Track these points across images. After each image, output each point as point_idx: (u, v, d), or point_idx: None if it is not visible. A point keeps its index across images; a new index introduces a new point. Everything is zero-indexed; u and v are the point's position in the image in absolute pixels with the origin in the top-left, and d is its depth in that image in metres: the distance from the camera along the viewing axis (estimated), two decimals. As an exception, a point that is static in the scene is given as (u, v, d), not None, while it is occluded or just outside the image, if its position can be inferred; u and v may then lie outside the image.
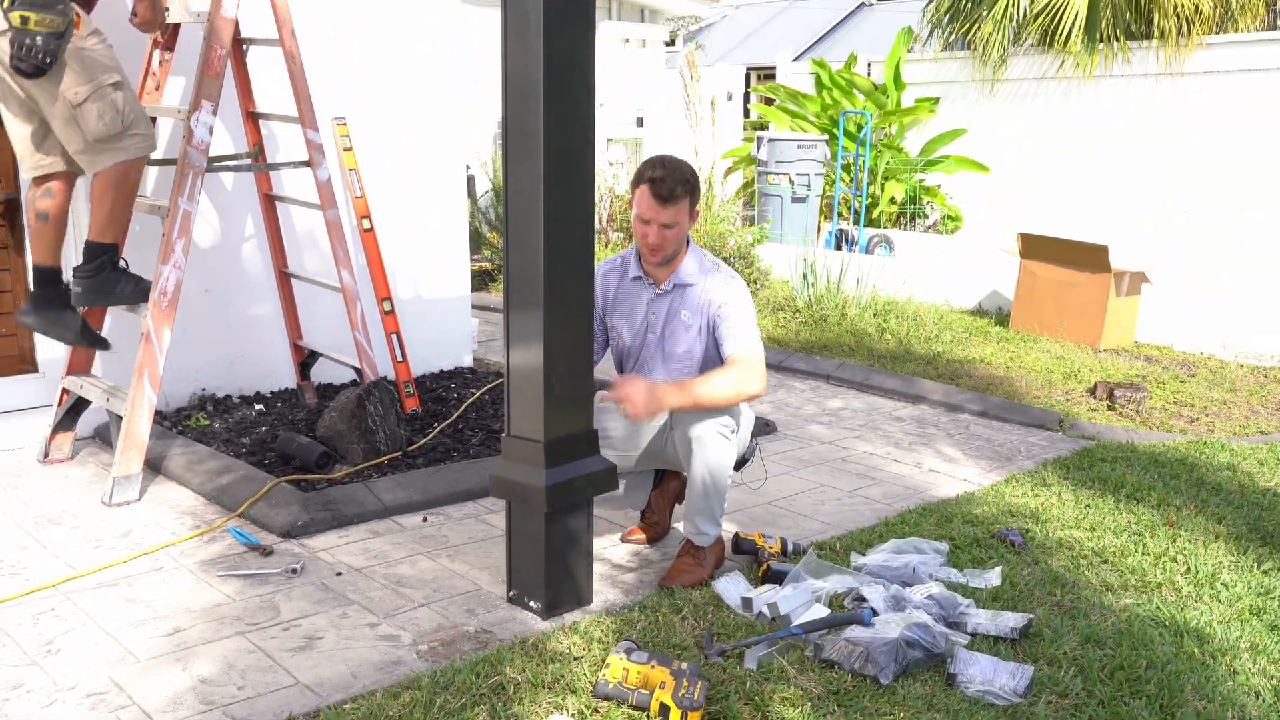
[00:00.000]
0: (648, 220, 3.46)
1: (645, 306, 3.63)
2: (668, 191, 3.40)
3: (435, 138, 5.83)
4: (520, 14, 2.99)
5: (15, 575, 3.47)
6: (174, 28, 4.55)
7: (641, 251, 3.57)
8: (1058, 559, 3.74)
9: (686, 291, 3.57)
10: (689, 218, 3.50)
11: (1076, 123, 10.47)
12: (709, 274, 3.57)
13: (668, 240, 3.48)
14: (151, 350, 4.11)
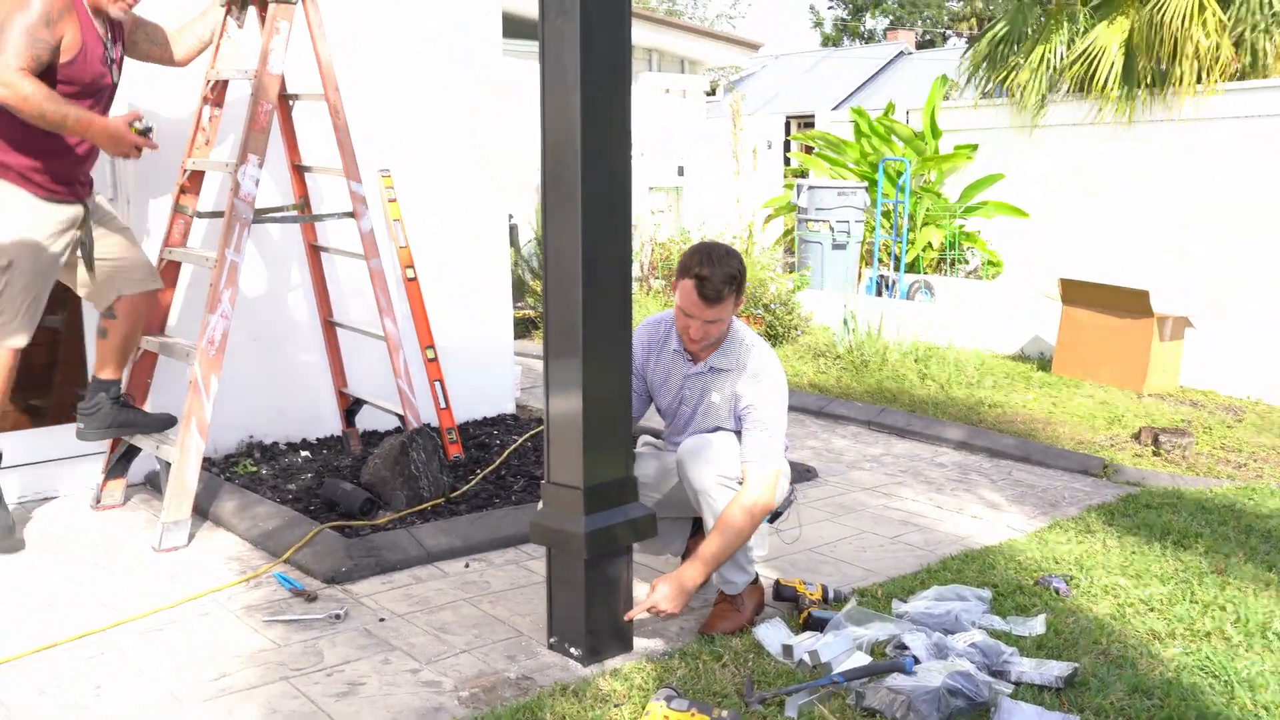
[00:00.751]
0: (691, 315, 3.43)
1: (681, 381, 3.64)
2: (713, 292, 3.36)
3: (478, 187, 5.92)
4: (558, 68, 3.06)
5: (67, 618, 3.53)
6: (223, 84, 4.67)
7: (685, 341, 3.55)
8: (1103, 606, 3.70)
9: (722, 376, 3.56)
10: (734, 309, 3.47)
11: (1111, 165, 10.48)
12: (747, 363, 3.53)
13: (710, 334, 3.48)
14: (200, 398, 4.19)
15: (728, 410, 3.56)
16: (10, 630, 3.44)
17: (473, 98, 5.86)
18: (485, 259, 6.01)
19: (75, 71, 3.94)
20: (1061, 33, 10.84)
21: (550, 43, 3.08)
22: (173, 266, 4.64)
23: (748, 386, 3.51)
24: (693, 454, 3.43)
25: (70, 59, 3.91)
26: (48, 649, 3.31)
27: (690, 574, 3.34)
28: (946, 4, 44.28)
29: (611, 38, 3.08)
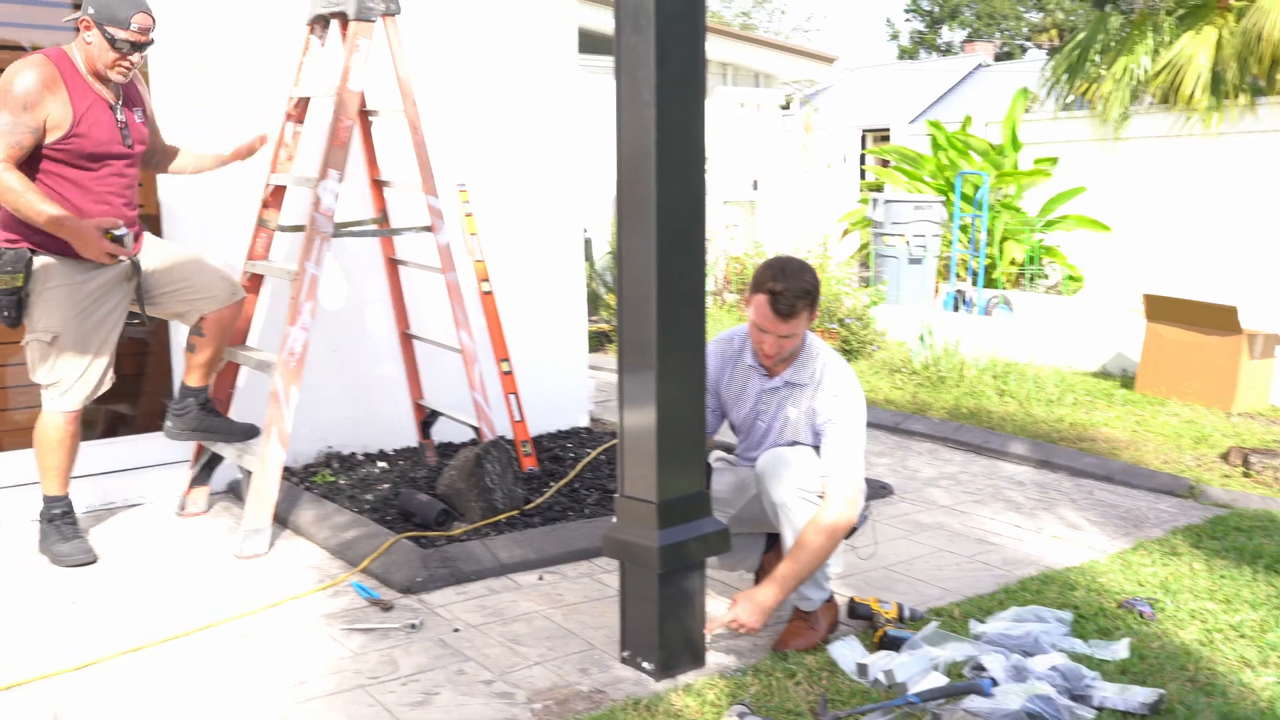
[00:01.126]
0: (765, 330, 3.42)
1: (756, 396, 3.62)
2: (787, 308, 3.36)
3: (554, 202, 5.96)
4: (633, 83, 3.07)
5: (153, 622, 3.61)
6: (305, 101, 4.76)
7: (760, 357, 3.54)
8: (1190, 632, 3.60)
9: (799, 391, 3.54)
10: (808, 323, 3.46)
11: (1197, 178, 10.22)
12: (823, 378, 3.50)
13: (784, 349, 3.46)
14: (280, 409, 4.26)
15: (805, 425, 3.53)
16: (100, 633, 3.53)
17: (548, 113, 5.91)
18: (560, 273, 6.05)
19: (73, 144, 3.91)
20: (1146, 43, 10.65)
21: (625, 58, 3.09)
22: (255, 279, 4.74)
23: (825, 402, 3.48)
24: (772, 467, 3.41)
25: (63, 134, 3.88)
26: (135, 651, 3.39)
27: (764, 595, 3.33)
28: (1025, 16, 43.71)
29: (686, 53, 3.08)
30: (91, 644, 3.46)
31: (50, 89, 3.85)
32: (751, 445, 3.69)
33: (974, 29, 44.76)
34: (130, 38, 3.89)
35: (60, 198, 3.93)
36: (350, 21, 4.46)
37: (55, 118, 3.87)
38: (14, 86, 3.81)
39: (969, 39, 41.41)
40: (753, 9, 31.26)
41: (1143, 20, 10.96)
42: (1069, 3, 37.98)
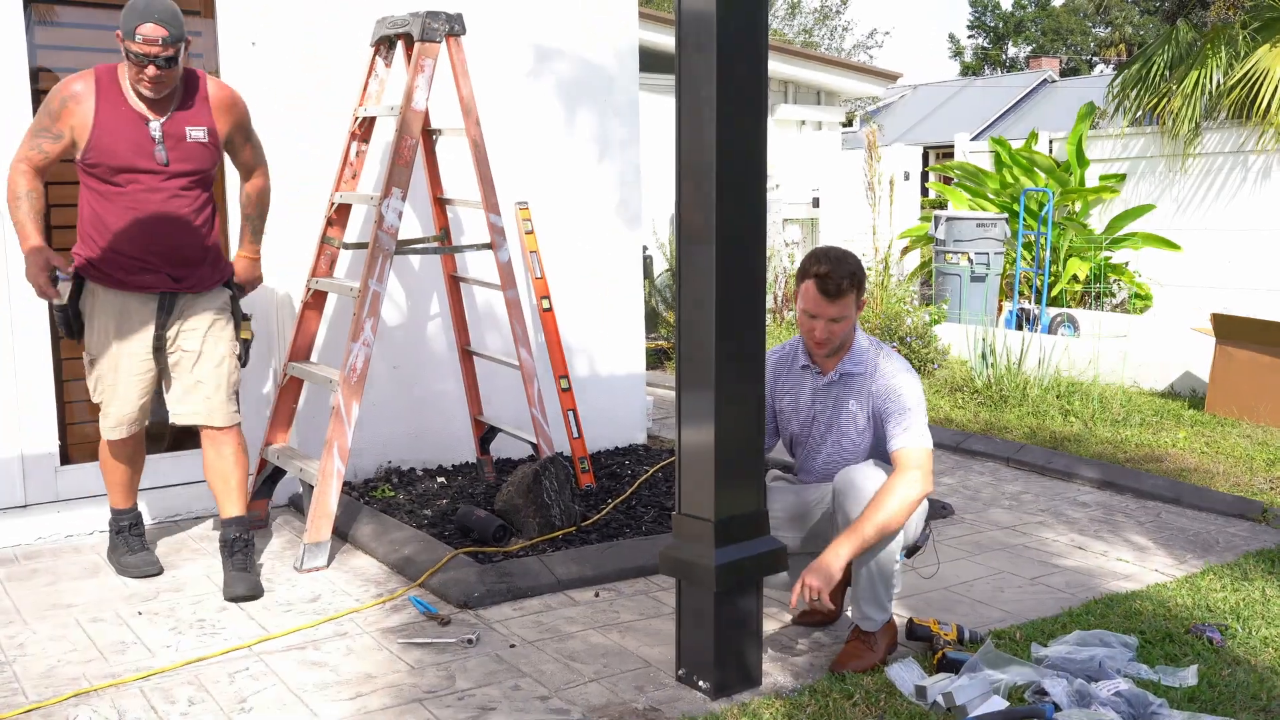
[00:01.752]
0: (815, 315, 3.45)
1: (812, 396, 3.62)
2: (834, 288, 3.39)
3: (614, 219, 5.99)
4: (694, 102, 3.08)
5: (215, 635, 3.67)
6: (370, 120, 4.84)
7: (809, 345, 3.56)
8: (1263, 659, 3.51)
9: (854, 381, 3.55)
10: (856, 309, 3.48)
11: (1271, 195, 9.99)
12: (877, 363, 3.53)
13: (835, 334, 3.47)
14: (341, 424, 4.32)
15: (865, 415, 3.53)
16: (163, 642, 3.60)
17: (609, 131, 5.94)
18: (620, 290, 6.07)
19: (94, 155, 3.85)
20: (1219, 57, 10.45)
21: (687, 76, 3.10)
22: (319, 296, 4.81)
23: (882, 382, 3.49)
24: (849, 486, 3.39)
25: (83, 146, 3.85)
26: (197, 662, 3.45)
27: (839, 551, 3.27)
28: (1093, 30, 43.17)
29: (748, 71, 3.09)
30: (154, 653, 3.52)
31: (79, 101, 3.83)
32: (812, 451, 3.66)
33: (1039, 44, 44.30)
34: (138, 49, 3.71)
35: (91, 211, 3.92)
36: (415, 43, 4.53)
37: (79, 129, 3.84)
38: (51, 95, 3.87)
39: (1034, 54, 40.98)
40: (814, 26, 31.21)
41: (1215, 34, 10.76)
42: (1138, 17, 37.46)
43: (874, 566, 3.37)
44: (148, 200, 3.91)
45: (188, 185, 3.98)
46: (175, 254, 3.98)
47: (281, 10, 4.97)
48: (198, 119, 4.00)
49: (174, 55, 3.77)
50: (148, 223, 3.92)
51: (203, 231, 4.06)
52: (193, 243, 4.02)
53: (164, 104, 3.92)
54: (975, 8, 48.42)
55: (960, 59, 47.46)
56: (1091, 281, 10.73)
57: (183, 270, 4.02)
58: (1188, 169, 10.68)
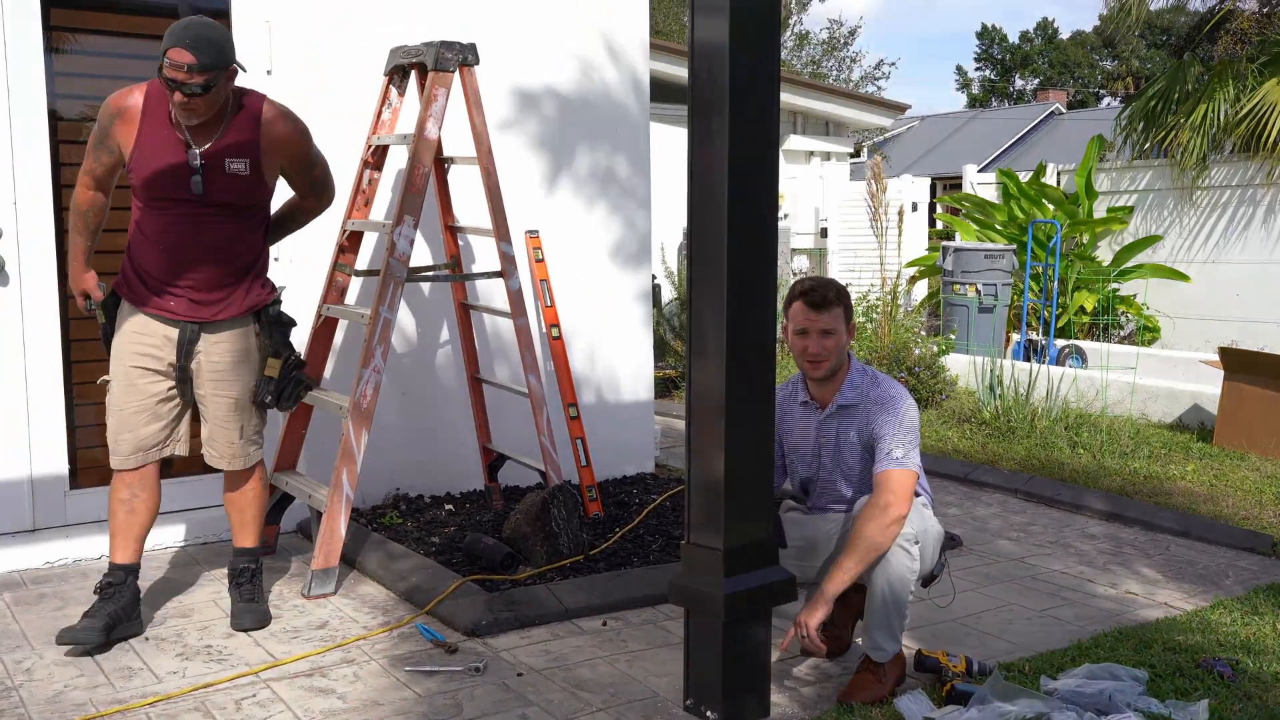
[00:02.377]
0: (806, 331, 3.51)
1: (815, 432, 3.65)
2: (820, 299, 3.49)
3: (623, 248, 6.01)
4: (706, 132, 3.10)
5: (222, 661, 3.66)
6: (383, 149, 4.87)
7: (804, 369, 3.59)
8: (1275, 695, 3.49)
9: (851, 411, 3.57)
10: (846, 329, 3.53)
11: None
12: (870, 393, 3.56)
13: (826, 349, 3.50)
14: (350, 451, 4.32)
15: (865, 443, 3.54)
16: (169, 669, 3.60)
17: (619, 161, 5.98)
18: (628, 319, 6.08)
19: (134, 176, 3.74)
20: (1226, 90, 10.49)
21: (699, 106, 3.12)
22: (329, 323, 4.83)
23: (876, 413, 3.52)
24: None
25: (129, 162, 3.74)
26: (204, 688, 3.44)
27: (829, 588, 3.35)
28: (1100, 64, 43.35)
29: (760, 103, 3.11)
30: (161, 679, 3.52)
31: (125, 119, 3.70)
32: (824, 489, 3.67)
33: (1046, 77, 44.48)
34: (167, 74, 3.54)
35: (135, 227, 3.82)
36: (429, 72, 4.57)
37: (125, 146, 3.72)
38: (105, 106, 3.75)
39: (1041, 87, 41.16)
40: (822, 58, 31.38)
41: (1223, 68, 10.81)
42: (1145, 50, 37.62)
43: (889, 594, 3.36)
44: (181, 226, 3.76)
45: (227, 215, 3.82)
46: (203, 281, 3.82)
47: (297, 37, 5.01)
48: (241, 150, 3.78)
49: (206, 84, 3.56)
50: (179, 248, 3.78)
51: (240, 260, 3.88)
52: (225, 270, 3.85)
53: (208, 131, 3.74)
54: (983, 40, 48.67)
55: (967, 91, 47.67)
56: (1099, 313, 10.73)
57: (207, 295, 3.84)
58: (1196, 202, 10.70)
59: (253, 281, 3.95)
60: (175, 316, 3.83)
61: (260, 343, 3.98)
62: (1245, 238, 10.34)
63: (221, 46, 3.61)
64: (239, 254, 3.88)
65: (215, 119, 3.74)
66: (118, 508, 3.88)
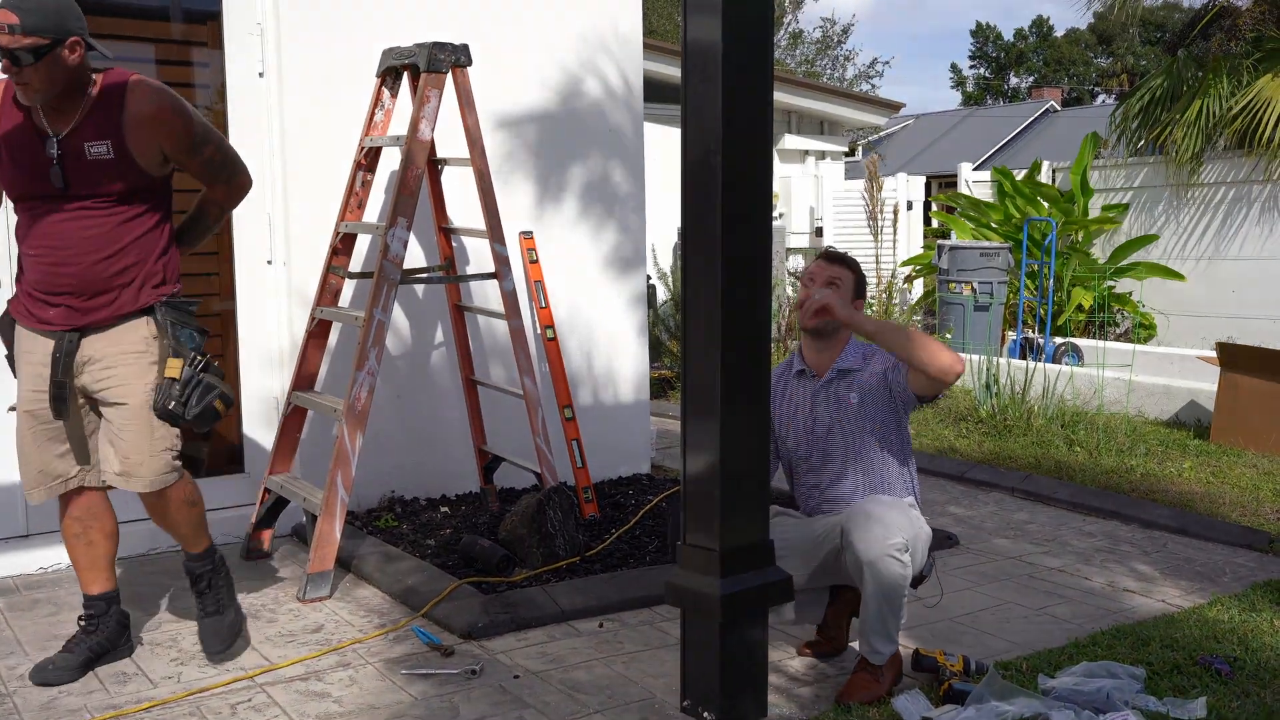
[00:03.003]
0: (813, 278, 3.59)
1: (811, 400, 3.63)
2: (836, 255, 3.63)
3: (618, 249, 6.00)
4: (700, 132, 3.09)
5: (217, 665, 3.65)
6: (375, 151, 4.86)
7: (803, 324, 3.62)
8: (1272, 691, 3.48)
9: (851, 377, 3.58)
10: (853, 295, 3.58)
11: (1277, 226, 10.01)
12: (868, 350, 3.63)
13: (830, 300, 3.50)
14: (345, 454, 4.31)
15: (874, 397, 3.56)
16: (164, 673, 3.58)
17: (614, 161, 5.97)
18: (623, 320, 6.07)
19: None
20: (1220, 87, 10.49)
21: (692, 106, 3.11)
22: (324, 325, 4.82)
23: (878, 361, 3.57)
24: (860, 523, 3.36)
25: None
26: (199, 693, 3.43)
27: (862, 315, 3.47)
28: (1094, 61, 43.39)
29: (754, 102, 3.09)
30: (156, 684, 3.50)
31: None
32: (809, 463, 3.65)
33: (1041, 74, 44.52)
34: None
35: (18, 241, 3.45)
36: (421, 74, 4.56)
37: None
38: None
39: (1036, 85, 41.20)
40: (816, 57, 31.39)
41: (1217, 64, 10.81)
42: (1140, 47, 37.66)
43: (883, 599, 3.35)
44: (52, 225, 3.33)
45: (101, 208, 3.35)
46: (83, 284, 3.35)
47: (289, 40, 4.99)
48: (101, 132, 3.31)
49: (35, 50, 3.12)
50: (53, 250, 3.34)
51: (126, 258, 3.39)
52: (108, 272, 3.37)
53: (65, 116, 3.30)
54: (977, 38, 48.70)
55: (962, 89, 47.71)
56: (1095, 311, 10.74)
57: (89, 302, 3.37)
58: (1191, 199, 10.71)
59: (147, 281, 3.44)
60: (52, 328, 3.39)
61: (161, 343, 3.45)
62: (1241, 235, 10.34)
63: (57, 12, 3.18)
64: (125, 252, 3.38)
65: (71, 103, 3.30)
66: (73, 543, 3.59)
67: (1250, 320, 10.00)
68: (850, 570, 3.41)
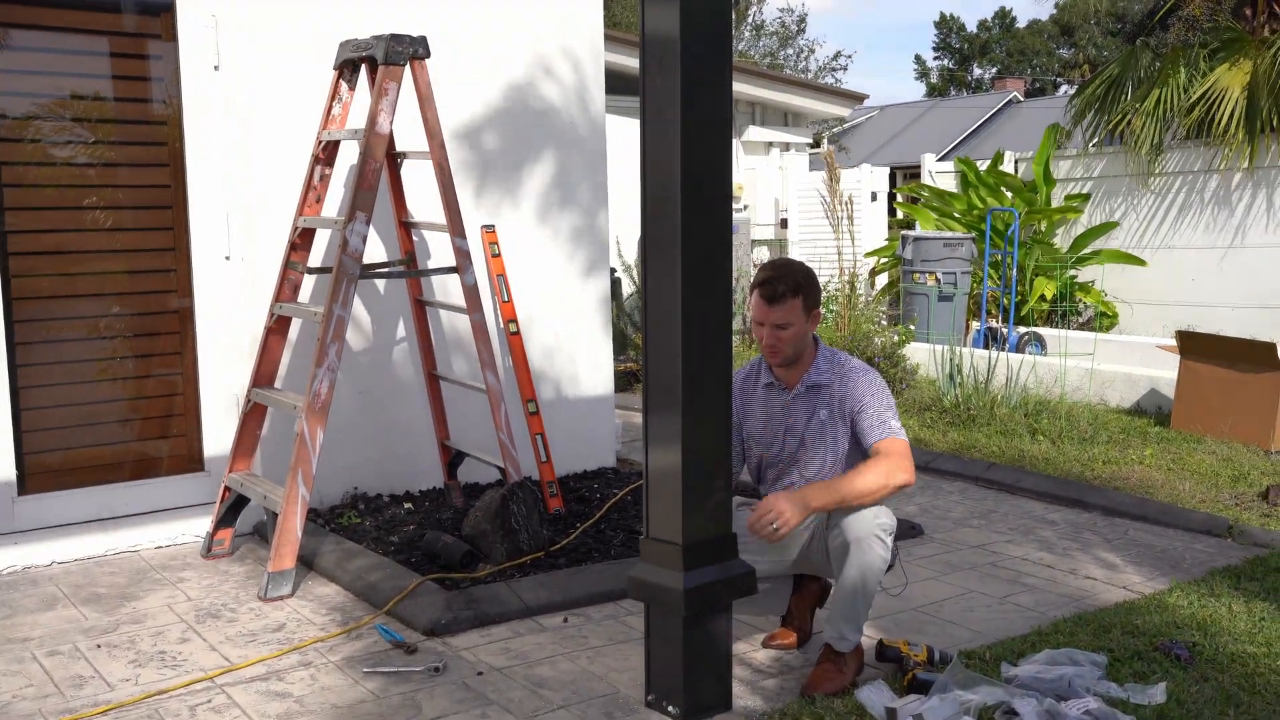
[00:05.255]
0: (761, 322, 3.53)
1: (781, 413, 3.62)
2: (773, 293, 3.48)
3: (581, 242, 5.97)
4: (659, 124, 3.07)
5: (176, 666, 3.60)
6: (334, 144, 4.80)
7: (764, 354, 3.60)
8: (1230, 676, 3.51)
9: (821, 392, 3.57)
10: (806, 319, 3.53)
11: (1232, 212, 10.12)
12: (841, 371, 3.57)
13: (781, 341, 3.50)
14: (305, 450, 4.27)
15: (835, 422, 3.54)
16: (122, 676, 3.53)
17: (575, 154, 5.93)
18: (587, 313, 6.05)
19: None
20: (1178, 77, 10.58)
21: (651, 98, 3.09)
22: (283, 321, 4.77)
23: (843, 386, 3.54)
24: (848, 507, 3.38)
25: None
26: (157, 695, 3.38)
27: (814, 493, 3.32)
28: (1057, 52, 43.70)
29: (712, 93, 3.08)
30: (113, 687, 3.45)
31: None
32: (783, 472, 3.64)
33: (1004, 66, 44.79)
34: None
35: None
36: (379, 66, 4.51)
37: None
38: None
39: (999, 76, 41.44)
40: (778, 49, 31.42)
41: (1175, 54, 10.90)
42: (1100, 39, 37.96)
43: (860, 584, 3.35)
44: None
45: None
46: None
47: (245, 32, 4.93)
48: None
49: None
50: None
51: None
52: None
53: None
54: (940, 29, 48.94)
55: (926, 80, 47.92)
56: (1058, 300, 10.81)
57: None
58: (1151, 187, 10.80)
59: None
60: None
61: None
62: (1198, 223, 10.45)
63: None
64: None
65: None
66: None
67: (1209, 308, 10.10)
68: (831, 552, 3.41)
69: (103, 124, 4.83)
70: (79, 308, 4.82)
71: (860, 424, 3.49)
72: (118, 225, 4.88)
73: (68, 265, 4.78)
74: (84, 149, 4.80)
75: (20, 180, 4.66)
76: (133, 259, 4.92)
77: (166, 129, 4.93)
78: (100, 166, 4.84)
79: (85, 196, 4.80)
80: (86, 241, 4.81)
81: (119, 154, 4.88)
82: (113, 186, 4.87)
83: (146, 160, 4.93)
